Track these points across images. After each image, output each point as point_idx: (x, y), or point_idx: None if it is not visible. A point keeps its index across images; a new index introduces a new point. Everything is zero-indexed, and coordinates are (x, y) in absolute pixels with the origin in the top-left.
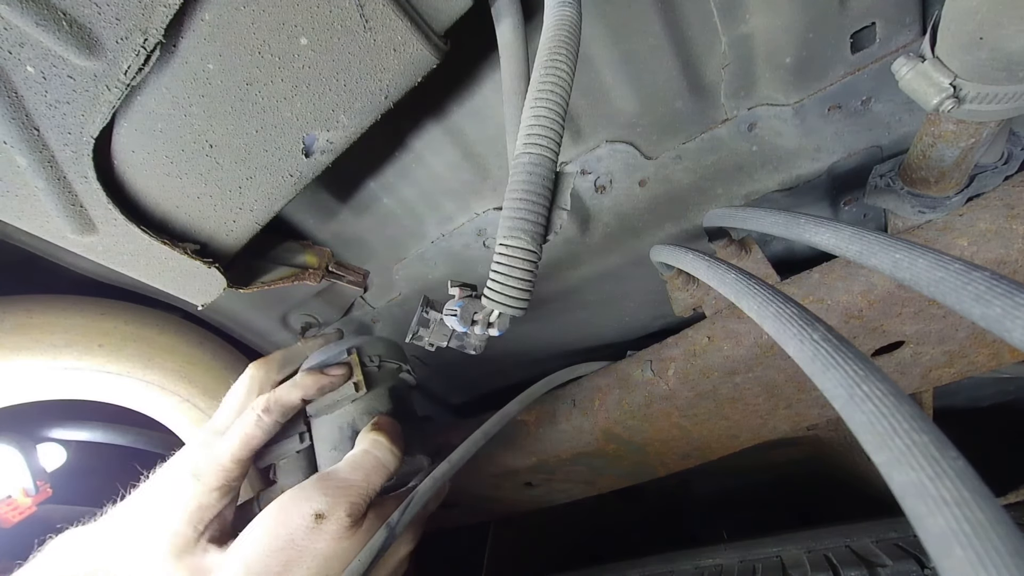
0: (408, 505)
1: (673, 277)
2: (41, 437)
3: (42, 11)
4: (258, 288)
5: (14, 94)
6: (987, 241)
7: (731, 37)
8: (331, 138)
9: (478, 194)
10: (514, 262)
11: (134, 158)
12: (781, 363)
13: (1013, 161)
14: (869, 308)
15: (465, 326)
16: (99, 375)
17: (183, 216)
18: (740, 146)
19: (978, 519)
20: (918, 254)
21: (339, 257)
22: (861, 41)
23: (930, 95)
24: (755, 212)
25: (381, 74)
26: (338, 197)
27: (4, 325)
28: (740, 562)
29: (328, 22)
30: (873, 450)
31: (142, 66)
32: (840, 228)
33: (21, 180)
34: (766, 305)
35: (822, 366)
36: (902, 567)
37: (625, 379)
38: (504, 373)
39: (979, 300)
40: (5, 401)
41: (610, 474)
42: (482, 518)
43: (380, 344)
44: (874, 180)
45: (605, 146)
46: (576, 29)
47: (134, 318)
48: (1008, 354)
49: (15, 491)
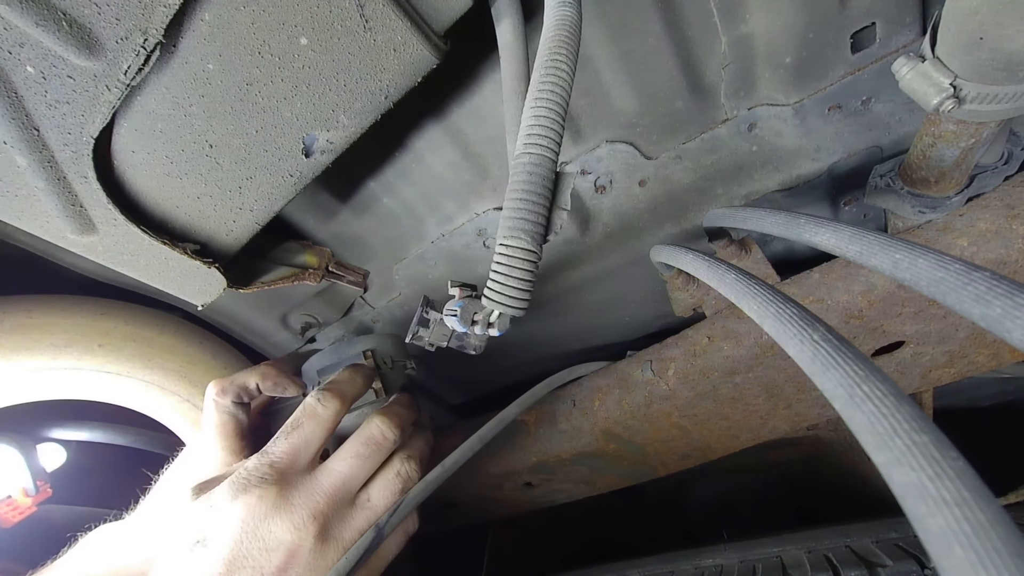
0: (398, 508)
1: (673, 277)
2: (41, 437)
3: (42, 11)
4: (258, 288)
5: (14, 94)
6: (987, 241)
7: (731, 37)
8: (331, 138)
9: (478, 194)
10: (514, 262)
11: (134, 158)
12: (781, 363)
13: (1013, 161)
14: (869, 308)
15: (465, 326)
16: (99, 375)
17: (183, 216)
18: (740, 146)
19: (978, 519)
20: (918, 254)
21: (339, 257)
22: (861, 41)
23: (930, 95)
24: (755, 212)
25: (381, 74)
26: (338, 197)
27: (4, 325)
28: (740, 562)
29: (328, 22)
30: (873, 450)
31: (142, 66)
32: (840, 228)
33: (21, 180)
34: (766, 305)
35: (822, 366)
36: (902, 567)
37: (625, 379)
38: (504, 373)
39: (979, 300)
40: (5, 401)
41: (610, 474)
42: (482, 518)
43: (390, 343)
44: (874, 180)
45: (605, 146)
46: (576, 29)
47: (134, 318)
48: (1008, 354)
49: (15, 491)
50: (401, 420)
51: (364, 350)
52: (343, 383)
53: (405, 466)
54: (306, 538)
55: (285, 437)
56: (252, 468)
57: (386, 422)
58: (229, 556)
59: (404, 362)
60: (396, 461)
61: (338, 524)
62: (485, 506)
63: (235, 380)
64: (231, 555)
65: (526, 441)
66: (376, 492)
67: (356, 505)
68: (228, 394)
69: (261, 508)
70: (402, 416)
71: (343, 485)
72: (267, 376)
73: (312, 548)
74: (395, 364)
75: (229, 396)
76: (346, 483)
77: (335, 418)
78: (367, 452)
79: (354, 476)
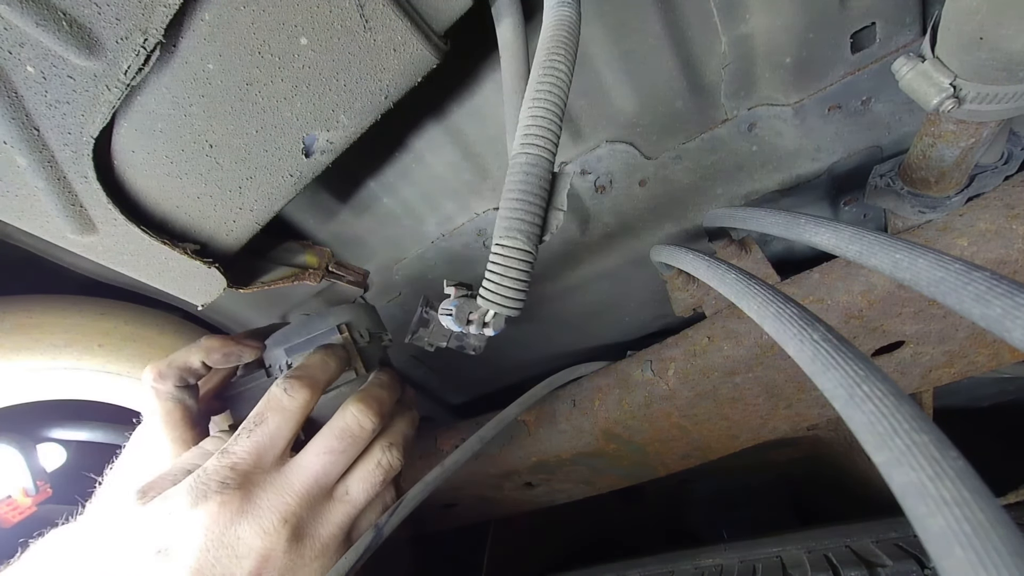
0: (396, 508)
1: (673, 277)
2: (41, 437)
3: (42, 11)
4: (258, 288)
5: (14, 94)
6: (987, 241)
7: (731, 37)
8: (331, 138)
9: (478, 194)
10: (510, 262)
11: (134, 158)
12: (781, 363)
13: (1013, 161)
14: (869, 308)
15: (460, 326)
16: (99, 375)
17: (183, 216)
18: (740, 146)
19: (978, 519)
20: (918, 254)
21: (339, 257)
22: (861, 41)
23: (930, 95)
24: (755, 212)
25: (381, 74)
26: (338, 197)
27: (4, 325)
28: (740, 562)
29: (328, 22)
30: (873, 450)
31: (142, 66)
32: (840, 228)
33: (21, 180)
34: (766, 305)
35: (822, 366)
36: (902, 567)
37: (625, 379)
38: (504, 373)
39: (979, 300)
40: (5, 401)
41: (610, 474)
42: (482, 518)
43: (364, 315)
44: (874, 180)
45: (605, 146)
46: (575, 29)
47: (134, 318)
48: (1008, 354)
49: (15, 491)
50: (381, 406)
51: (338, 323)
52: (313, 368)
53: (386, 455)
54: (278, 542)
55: (247, 434)
56: (211, 471)
57: (363, 410)
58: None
59: (380, 334)
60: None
61: (313, 521)
62: (485, 506)
63: (173, 361)
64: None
65: (526, 441)
66: (355, 485)
67: (333, 499)
68: (168, 378)
69: (224, 515)
70: (382, 400)
71: (316, 483)
72: (212, 349)
73: (286, 550)
74: (372, 337)
75: (170, 380)
76: (319, 480)
77: (304, 409)
78: (342, 446)
79: (327, 473)
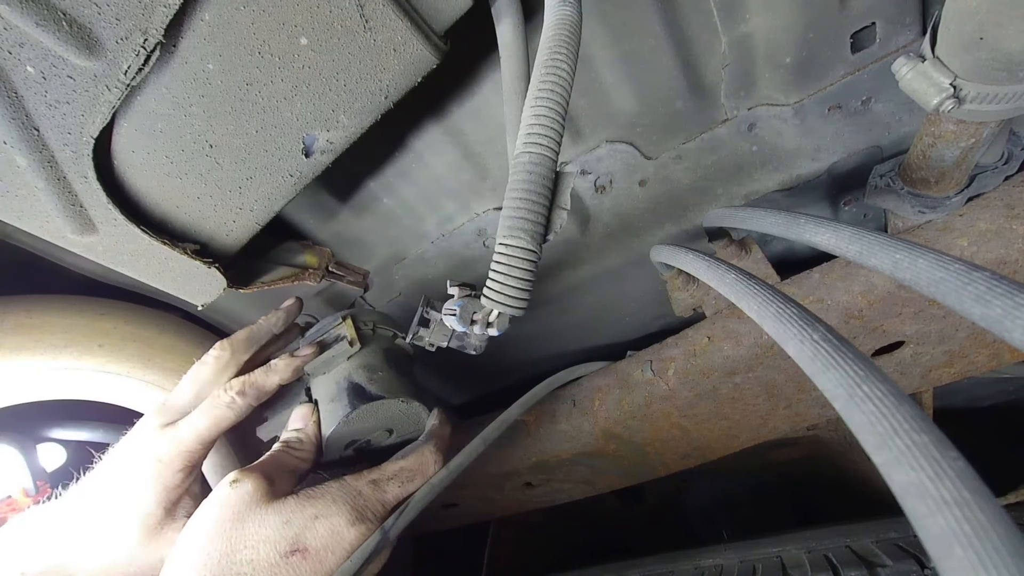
0: (404, 510)
1: (673, 277)
2: (41, 437)
3: (42, 11)
4: (258, 288)
5: (14, 94)
6: (987, 241)
7: (731, 37)
8: (331, 138)
9: (478, 194)
10: (514, 261)
11: (134, 158)
12: (781, 363)
13: (1013, 161)
14: (869, 308)
15: (464, 326)
16: (99, 375)
17: (183, 216)
18: (740, 146)
19: (978, 519)
20: (918, 254)
21: (339, 257)
22: (861, 41)
23: (930, 95)
24: (755, 212)
25: (381, 74)
26: (338, 197)
27: (4, 325)
28: (740, 562)
29: (328, 22)
30: (873, 450)
31: (142, 66)
32: (840, 228)
33: (21, 180)
34: (766, 305)
35: (822, 366)
36: (902, 567)
37: (625, 379)
38: (504, 373)
39: (979, 300)
40: (5, 401)
41: (610, 474)
42: (482, 518)
43: (374, 313)
44: (874, 180)
45: (605, 146)
46: (576, 29)
47: (134, 318)
48: (1008, 354)
49: (15, 491)
50: (444, 448)
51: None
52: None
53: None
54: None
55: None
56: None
57: (439, 459)
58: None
59: (391, 332)
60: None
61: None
62: (485, 506)
63: (255, 383)
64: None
65: (526, 441)
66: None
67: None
68: (248, 396)
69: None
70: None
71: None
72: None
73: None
74: (376, 328)
75: (249, 399)
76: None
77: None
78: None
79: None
